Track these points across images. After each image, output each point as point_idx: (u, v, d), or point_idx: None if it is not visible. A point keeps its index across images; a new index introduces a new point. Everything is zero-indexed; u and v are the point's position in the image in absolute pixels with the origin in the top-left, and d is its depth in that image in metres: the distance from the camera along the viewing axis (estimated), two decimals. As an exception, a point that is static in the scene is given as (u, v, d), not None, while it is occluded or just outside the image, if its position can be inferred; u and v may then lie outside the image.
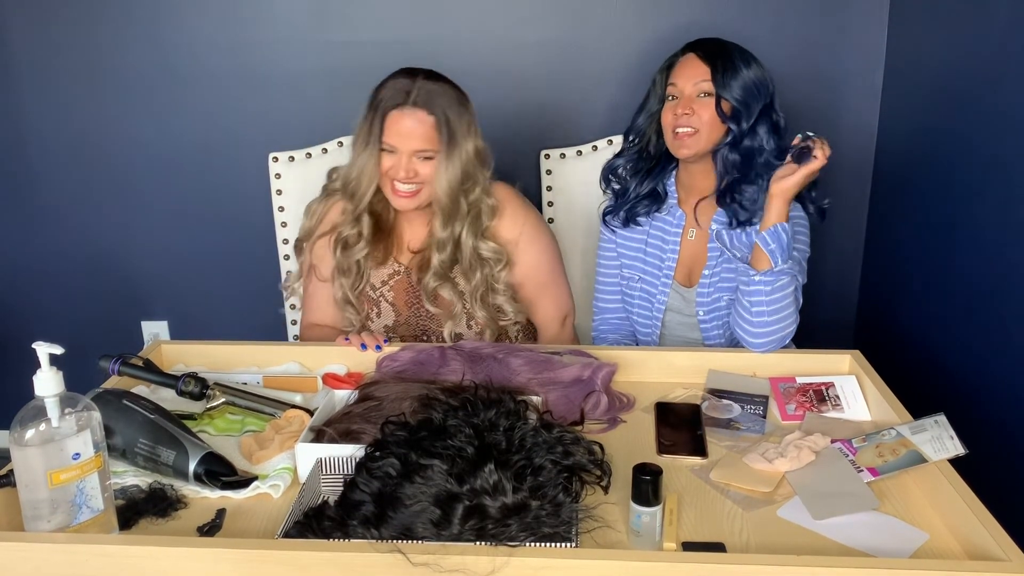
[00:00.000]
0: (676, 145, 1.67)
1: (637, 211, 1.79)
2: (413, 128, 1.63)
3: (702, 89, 1.65)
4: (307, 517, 1.05)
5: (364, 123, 1.67)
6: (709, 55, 1.66)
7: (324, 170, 2.00)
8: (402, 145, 1.63)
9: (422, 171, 1.65)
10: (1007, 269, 1.70)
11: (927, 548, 1.06)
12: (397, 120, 1.63)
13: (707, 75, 1.65)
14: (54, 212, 2.53)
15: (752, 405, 1.42)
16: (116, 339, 2.58)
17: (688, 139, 1.65)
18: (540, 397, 1.34)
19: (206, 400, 1.38)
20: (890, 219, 2.33)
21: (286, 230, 2.06)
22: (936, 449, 1.18)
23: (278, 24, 2.36)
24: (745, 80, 1.65)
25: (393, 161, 1.65)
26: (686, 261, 1.77)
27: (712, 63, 1.65)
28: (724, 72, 1.64)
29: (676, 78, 1.68)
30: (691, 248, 1.77)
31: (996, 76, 1.76)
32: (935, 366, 2.00)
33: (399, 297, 1.77)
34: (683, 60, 1.69)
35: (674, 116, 1.66)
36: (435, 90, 1.65)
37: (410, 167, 1.64)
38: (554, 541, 1.00)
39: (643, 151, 1.77)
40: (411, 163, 1.64)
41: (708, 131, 1.65)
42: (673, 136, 1.67)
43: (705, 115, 1.65)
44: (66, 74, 2.40)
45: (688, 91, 1.66)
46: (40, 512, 1.02)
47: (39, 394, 1.01)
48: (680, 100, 1.67)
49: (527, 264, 1.78)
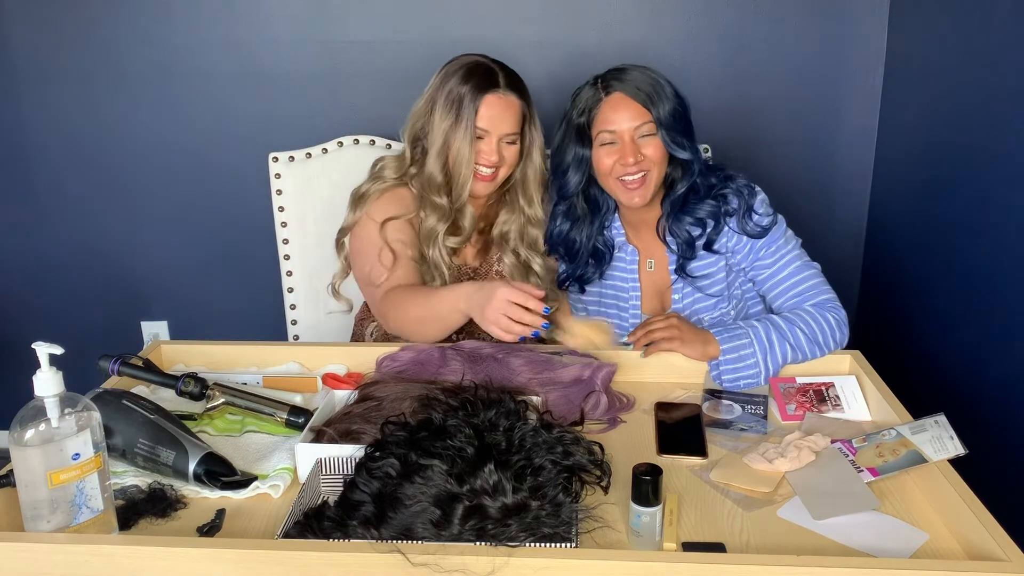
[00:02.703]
0: (627, 196, 1.59)
1: (587, 277, 1.73)
2: (504, 111, 1.64)
3: (644, 131, 1.56)
4: (307, 517, 1.05)
5: (447, 109, 1.63)
6: (637, 91, 1.56)
7: (324, 170, 2.01)
8: (496, 128, 1.64)
9: (507, 154, 1.67)
10: (1007, 269, 1.70)
11: (927, 548, 1.06)
12: (491, 104, 1.63)
13: (644, 114, 1.56)
14: (54, 212, 2.53)
15: (752, 405, 1.42)
16: (116, 339, 2.58)
17: (640, 188, 1.58)
18: (540, 397, 1.34)
19: (206, 400, 1.38)
20: (890, 219, 2.33)
21: (286, 230, 2.06)
22: (936, 449, 1.17)
23: (278, 24, 2.36)
24: (672, 104, 1.57)
25: (482, 145, 1.65)
26: (651, 290, 1.73)
27: (645, 98, 1.56)
28: (658, 104, 1.56)
29: (609, 124, 1.57)
30: (653, 277, 1.72)
31: (996, 76, 1.76)
32: (935, 366, 2.00)
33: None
34: (609, 101, 1.57)
35: (620, 165, 1.56)
36: (514, 73, 1.68)
37: (499, 151, 1.65)
38: (554, 541, 1.00)
39: (573, 207, 1.69)
40: (500, 146, 1.66)
41: (659, 170, 1.59)
42: (621, 185, 1.59)
43: (653, 154, 1.57)
44: (66, 74, 2.40)
45: (628, 134, 1.56)
46: (40, 512, 1.02)
47: (39, 394, 1.01)
48: (621, 145, 1.56)
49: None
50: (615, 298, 1.74)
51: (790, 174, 2.45)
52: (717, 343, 1.49)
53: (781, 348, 1.49)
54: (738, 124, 2.40)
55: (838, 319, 1.55)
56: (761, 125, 2.40)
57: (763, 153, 2.42)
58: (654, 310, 1.72)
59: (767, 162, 2.42)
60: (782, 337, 1.49)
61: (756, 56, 2.35)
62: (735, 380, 1.47)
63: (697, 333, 1.51)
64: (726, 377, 1.48)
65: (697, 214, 1.63)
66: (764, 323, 1.51)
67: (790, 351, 1.49)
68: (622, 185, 1.59)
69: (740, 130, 2.40)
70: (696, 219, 1.63)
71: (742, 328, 1.50)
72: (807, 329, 1.51)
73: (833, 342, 1.53)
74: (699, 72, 2.36)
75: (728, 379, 1.48)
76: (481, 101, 1.62)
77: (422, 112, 1.69)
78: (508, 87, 1.65)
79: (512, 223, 1.76)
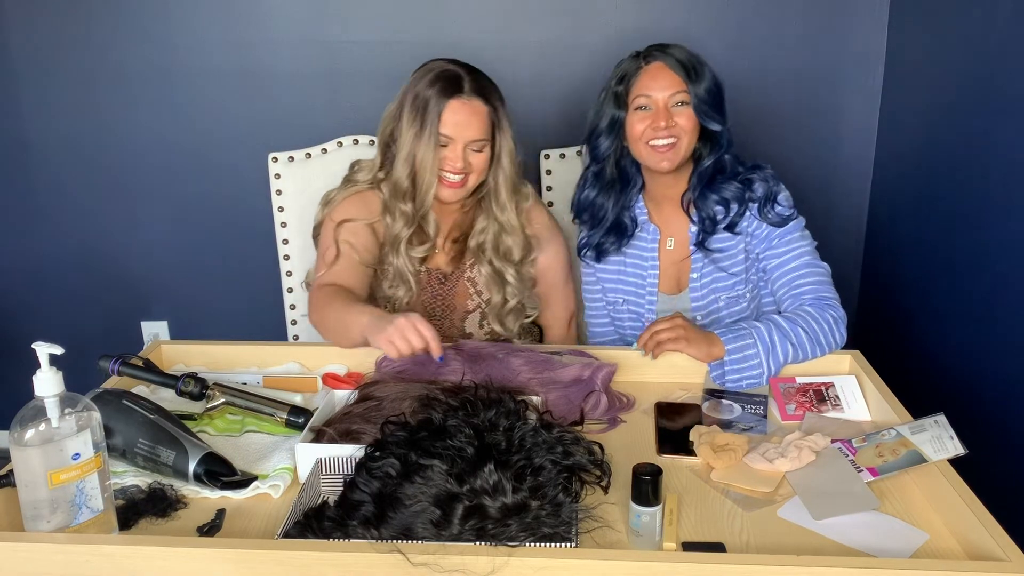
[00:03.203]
0: (656, 159, 1.62)
1: (605, 247, 1.75)
2: (470, 118, 1.61)
3: (678, 99, 1.61)
4: (307, 517, 1.05)
5: (413, 115, 1.62)
6: (676, 63, 1.61)
7: (324, 170, 2.00)
8: (459, 135, 1.62)
9: (474, 161, 1.65)
10: (1007, 269, 1.70)
11: (927, 548, 1.06)
12: (455, 110, 1.61)
13: (680, 84, 1.60)
14: (54, 212, 2.53)
15: (752, 405, 1.42)
16: (116, 339, 2.58)
17: (669, 152, 1.61)
18: (540, 397, 1.34)
19: (206, 400, 1.38)
20: (890, 219, 2.33)
21: (286, 230, 2.06)
22: (936, 449, 1.18)
23: (278, 24, 2.36)
24: (709, 82, 1.62)
25: (447, 152, 1.63)
26: (670, 271, 1.75)
27: (683, 71, 1.61)
28: (695, 79, 1.61)
29: (646, 89, 1.61)
30: (672, 257, 1.74)
31: (996, 76, 1.76)
32: (935, 366, 2.00)
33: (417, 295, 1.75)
34: (648, 70, 1.62)
35: (651, 129, 1.60)
36: (484, 80, 1.65)
37: (464, 158, 1.63)
38: (554, 541, 1.00)
39: (603, 172, 1.72)
40: (465, 153, 1.63)
41: (689, 139, 1.62)
42: (651, 150, 1.62)
43: (686, 123, 1.61)
44: (66, 74, 2.40)
45: (663, 101, 1.60)
46: (40, 512, 1.02)
47: (39, 394, 1.01)
48: (654, 111, 1.60)
49: (544, 262, 1.80)
50: (635, 275, 1.76)
51: (790, 174, 2.43)
52: (722, 344, 1.49)
53: (783, 347, 1.49)
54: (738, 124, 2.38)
55: (836, 317, 1.55)
56: (761, 125, 2.40)
57: (763, 153, 2.41)
58: (671, 289, 1.74)
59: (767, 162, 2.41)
60: (784, 336, 1.50)
61: (756, 56, 2.35)
62: (738, 380, 1.48)
63: (702, 334, 1.52)
64: (730, 378, 1.48)
65: (723, 193, 1.66)
66: (766, 323, 1.52)
67: (791, 350, 1.49)
68: (652, 150, 1.61)
69: (740, 130, 2.38)
70: (721, 198, 1.66)
71: (745, 328, 1.51)
72: (808, 328, 1.52)
73: (833, 341, 1.53)
74: (699, 72, 2.36)
75: (732, 380, 1.48)
76: (445, 107, 1.60)
77: (392, 117, 1.68)
78: (473, 93, 1.62)
79: (488, 232, 1.74)
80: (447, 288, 1.76)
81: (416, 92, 1.63)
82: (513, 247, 1.74)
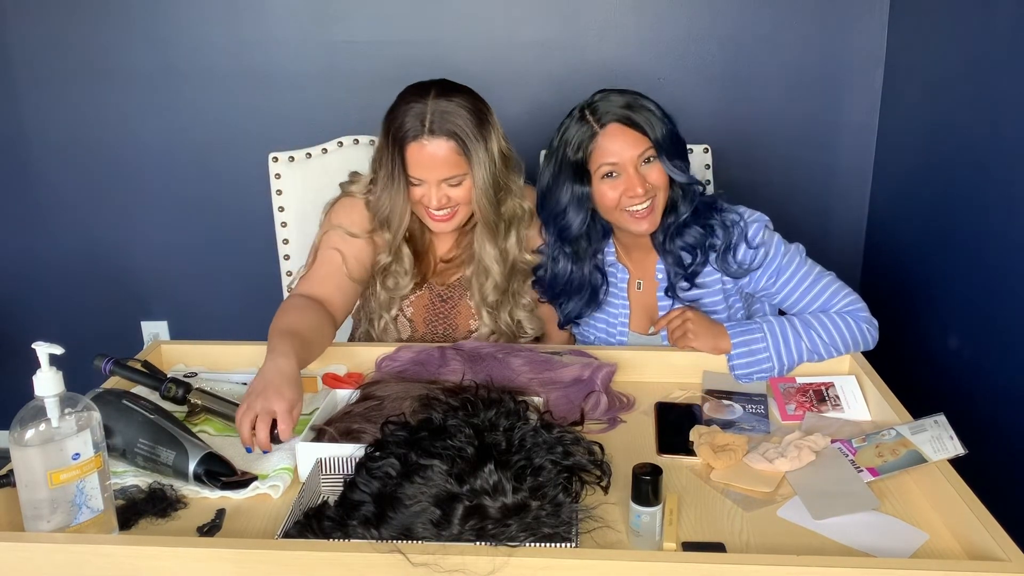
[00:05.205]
0: (635, 224, 1.55)
1: (584, 315, 1.71)
2: (434, 158, 1.55)
3: (645, 156, 1.53)
4: (307, 517, 1.05)
5: (384, 155, 1.60)
6: (631, 120, 1.52)
7: (324, 170, 2.00)
8: (428, 176, 1.57)
9: (454, 195, 1.59)
10: (1007, 269, 1.70)
11: (927, 548, 1.06)
12: (417, 152, 1.55)
13: (643, 141, 1.52)
14: (54, 212, 2.53)
15: (752, 405, 1.42)
16: (116, 339, 2.58)
17: (650, 215, 1.55)
18: (540, 397, 1.34)
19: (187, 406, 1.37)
20: (890, 219, 2.33)
21: (286, 230, 2.06)
22: (936, 449, 1.18)
23: (278, 24, 2.36)
24: (663, 125, 1.54)
25: (423, 191, 1.59)
26: (639, 311, 1.70)
27: (640, 126, 1.52)
28: (653, 129, 1.53)
29: (610, 156, 1.52)
30: (642, 298, 1.70)
31: (996, 76, 1.76)
32: (935, 366, 2.00)
33: (418, 313, 1.73)
34: (606, 133, 1.53)
35: (627, 197, 1.53)
36: (449, 110, 1.55)
37: (441, 194, 1.58)
38: (554, 541, 1.00)
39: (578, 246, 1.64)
40: (441, 190, 1.58)
41: (664, 193, 1.56)
42: (629, 216, 1.55)
43: (658, 179, 1.54)
44: (66, 74, 2.40)
45: (631, 164, 1.52)
46: (40, 512, 1.02)
47: (39, 394, 1.01)
48: (625, 176, 1.53)
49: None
50: (603, 320, 1.72)
51: (790, 174, 2.45)
52: (728, 337, 1.50)
53: (796, 343, 1.49)
54: (738, 124, 2.40)
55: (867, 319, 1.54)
56: (761, 125, 2.40)
57: (763, 153, 2.42)
58: (643, 328, 1.70)
59: (767, 162, 2.42)
60: (797, 334, 1.50)
61: (756, 56, 2.35)
62: (748, 374, 1.48)
63: (709, 327, 1.52)
64: (739, 372, 1.49)
65: (686, 239, 1.60)
66: (780, 320, 1.52)
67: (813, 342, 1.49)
68: (630, 216, 1.55)
69: (740, 130, 2.40)
70: (686, 243, 1.60)
71: (756, 323, 1.51)
72: (826, 327, 1.50)
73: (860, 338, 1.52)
74: (699, 72, 2.36)
75: (741, 373, 1.48)
76: (407, 150, 1.56)
77: (376, 148, 1.65)
78: (434, 132, 1.54)
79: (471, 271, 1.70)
80: (448, 307, 1.74)
81: (385, 130, 1.60)
82: (489, 290, 1.68)
